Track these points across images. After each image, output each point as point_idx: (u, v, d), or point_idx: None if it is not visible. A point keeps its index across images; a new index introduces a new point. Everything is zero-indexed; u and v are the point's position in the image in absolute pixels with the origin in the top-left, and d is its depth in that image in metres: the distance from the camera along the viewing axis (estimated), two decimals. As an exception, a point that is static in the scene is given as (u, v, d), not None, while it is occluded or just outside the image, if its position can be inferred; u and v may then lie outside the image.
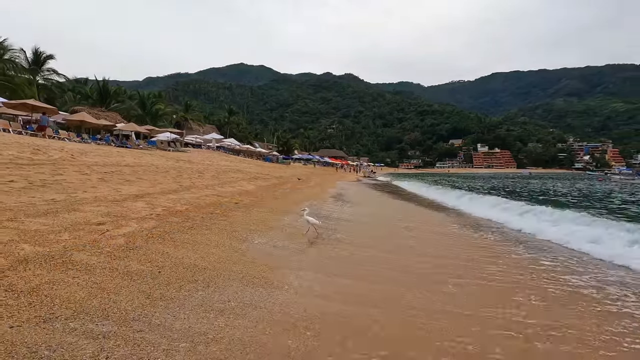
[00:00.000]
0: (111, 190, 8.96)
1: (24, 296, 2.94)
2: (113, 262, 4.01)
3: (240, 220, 7.54)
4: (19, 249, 3.96)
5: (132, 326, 2.75)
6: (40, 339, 2.41)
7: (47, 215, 5.57)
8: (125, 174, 13.02)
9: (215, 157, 39.52)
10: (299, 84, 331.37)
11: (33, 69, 42.04)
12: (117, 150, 25.07)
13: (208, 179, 16.67)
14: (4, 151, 13.10)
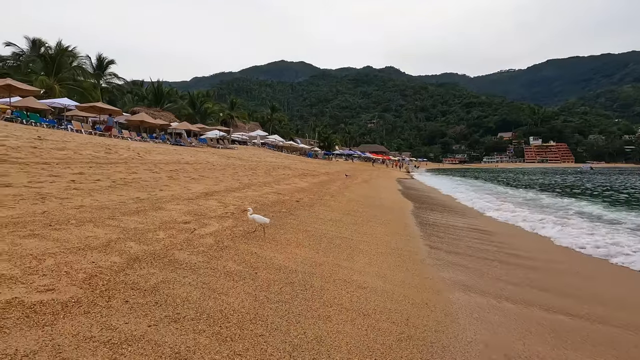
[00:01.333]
0: (183, 189, 9.43)
1: (149, 295, 3.12)
2: (211, 262, 4.16)
3: (308, 220, 7.58)
4: (128, 247, 4.25)
5: (252, 329, 2.81)
6: (177, 339, 2.52)
7: (138, 214, 5.95)
8: (189, 172, 13.67)
9: (261, 153, 40.50)
10: (339, 79, 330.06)
11: (97, 74, 45.63)
12: (174, 148, 26.50)
13: (261, 175, 17.07)
14: (83, 151, 14.29)
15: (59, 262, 3.52)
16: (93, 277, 3.31)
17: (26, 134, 15.45)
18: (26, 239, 4.06)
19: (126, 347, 2.35)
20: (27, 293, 2.85)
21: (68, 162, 10.86)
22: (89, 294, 2.99)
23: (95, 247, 4.11)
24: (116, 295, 3.02)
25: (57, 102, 27.76)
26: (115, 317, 2.70)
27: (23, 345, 2.22)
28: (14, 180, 7.16)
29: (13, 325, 2.42)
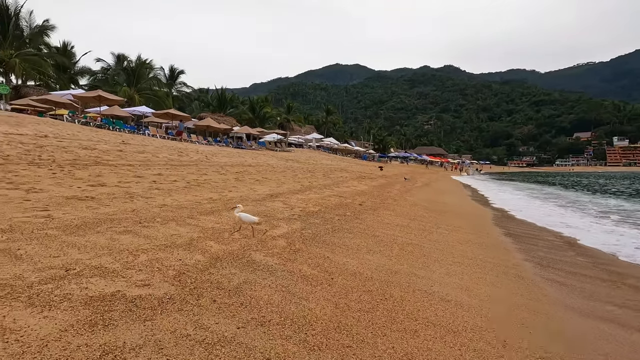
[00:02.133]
0: (249, 191, 9.75)
1: (234, 295, 3.16)
2: (287, 264, 4.15)
3: (374, 224, 7.35)
4: (209, 246, 4.41)
5: (338, 339, 2.69)
6: (266, 344, 2.49)
7: (213, 214, 6.22)
8: (252, 174, 14.17)
9: (317, 156, 40.94)
10: (394, 80, 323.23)
11: (169, 83, 49.77)
12: (237, 151, 27.83)
13: (320, 178, 17.16)
14: (159, 154, 15.53)
15: (151, 259, 3.74)
16: (182, 275, 3.45)
17: (113, 138, 17.25)
18: (122, 234, 4.41)
19: (219, 348, 2.37)
20: (128, 287, 3.04)
21: (148, 164, 11.86)
22: (179, 291, 3.11)
23: (180, 245, 4.32)
24: (204, 294, 3.10)
25: (137, 110, 30.76)
26: (205, 316, 2.75)
27: (130, 338, 2.33)
28: (107, 181, 7.95)
29: (119, 317, 2.57)
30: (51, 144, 12.03)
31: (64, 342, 2.21)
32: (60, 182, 7.07)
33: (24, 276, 2.98)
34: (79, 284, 2.97)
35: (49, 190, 6.30)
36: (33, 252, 3.50)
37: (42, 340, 2.19)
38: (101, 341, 2.27)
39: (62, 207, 5.32)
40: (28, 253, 3.46)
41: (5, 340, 2.15)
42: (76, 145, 12.75)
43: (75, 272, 3.17)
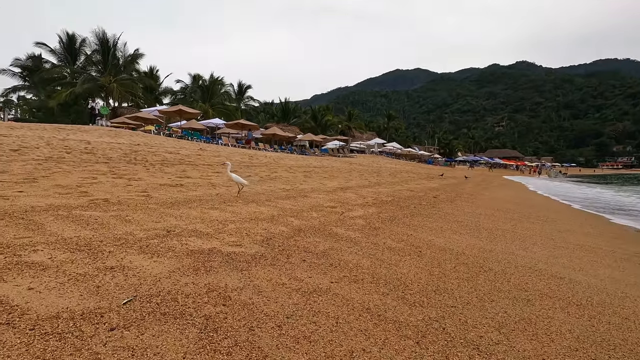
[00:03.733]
0: (319, 184, 9.82)
1: (322, 257, 3.10)
2: (369, 238, 4.00)
3: (454, 212, 6.85)
4: (290, 221, 4.45)
5: (440, 300, 2.46)
6: (364, 297, 2.36)
7: (289, 199, 6.33)
8: (319, 173, 14.33)
9: (380, 160, 40.29)
10: (459, 82, 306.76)
11: (238, 98, 53.18)
12: (302, 156, 28.55)
13: (387, 177, 16.74)
14: (232, 157, 16.51)
15: (239, 227, 3.87)
16: (269, 240, 3.50)
17: (192, 147, 18.82)
18: (210, 210, 4.66)
19: (316, 296, 2.30)
20: (222, 245, 3.15)
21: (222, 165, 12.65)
22: (269, 251, 3.14)
23: (263, 219, 4.43)
24: (293, 255, 3.09)
25: (211, 122, 33.33)
26: (297, 271, 2.72)
27: (230, 282, 2.38)
28: (191, 174, 8.60)
29: (218, 266, 2.65)
30: (143, 150, 13.49)
31: (173, 279, 2.32)
32: (154, 175, 7.82)
33: (134, 233, 3.26)
34: (180, 241, 3.15)
35: (146, 179, 6.99)
36: (139, 219, 3.84)
37: (155, 277, 2.33)
38: (205, 281, 2.34)
39: (157, 191, 5.84)
40: (135, 219, 3.81)
41: (125, 274, 2.33)
42: (163, 151, 14.14)
43: (175, 233, 3.39)
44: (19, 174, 6.01)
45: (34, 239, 2.84)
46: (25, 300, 1.87)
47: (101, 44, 37.16)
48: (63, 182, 5.69)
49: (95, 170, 7.39)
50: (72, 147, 11.03)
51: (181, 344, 1.62)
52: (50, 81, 36.14)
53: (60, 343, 1.54)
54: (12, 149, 8.87)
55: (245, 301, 2.12)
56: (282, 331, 1.83)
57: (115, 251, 2.74)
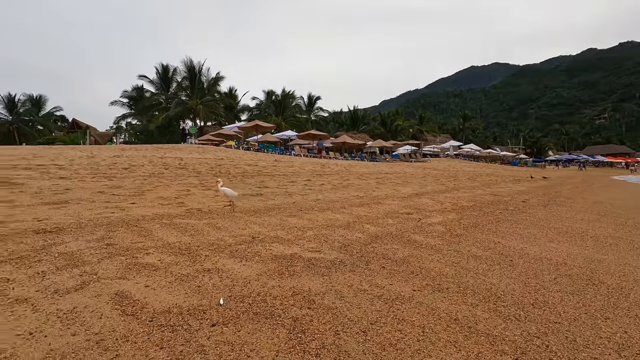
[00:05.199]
0: (392, 190, 9.62)
1: (401, 265, 3.03)
2: (451, 245, 3.79)
3: (548, 218, 6.12)
4: (366, 228, 4.44)
5: (539, 314, 2.21)
6: (450, 307, 2.24)
7: (363, 206, 6.31)
8: (392, 179, 14.03)
9: (457, 164, 37.92)
10: (546, 73, 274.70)
11: (308, 110, 55.02)
12: (372, 163, 28.31)
13: (465, 181, 15.68)
14: (305, 167, 17.06)
15: (317, 234, 3.98)
16: (347, 246, 3.53)
17: (268, 158, 19.97)
18: (289, 217, 4.88)
19: (399, 304, 2.25)
20: (302, 251, 3.28)
21: (297, 174, 13.15)
22: (348, 257, 3.17)
23: (339, 226, 4.49)
24: (372, 261, 3.08)
25: (284, 135, 35.03)
26: (378, 278, 2.69)
27: (313, 286, 2.46)
28: (269, 184, 9.12)
29: (300, 270, 2.76)
30: (226, 163, 14.74)
31: (261, 282, 2.48)
32: (237, 186, 8.49)
33: (224, 239, 3.57)
34: (264, 247, 3.36)
35: (230, 190, 7.62)
36: (227, 226, 4.19)
37: (246, 279, 2.52)
38: (290, 285, 2.46)
39: (240, 200, 6.32)
40: (224, 226, 4.17)
41: (220, 276, 2.56)
42: (243, 164, 15.26)
43: (259, 239, 3.63)
44: (130, 188, 7.03)
45: (146, 243, 3.29)
46: (144, 295, 2.18)
47: (189, 71, 41.84)
48: (164, 195, 6.49)
49: (188, 183, 8.28)
50: (169, 163, 12.53)
51: (273, 343, 1.73)
52: (150, 107, 41.73)
53: (173, 334, 1.76)
54: (123, 167, 10.41)
55: (328, 305, 2.17)
56: (367, 337, 1.83)
57: (210, 255, 3.03)
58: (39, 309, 1.93)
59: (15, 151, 14.62)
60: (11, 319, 1.81)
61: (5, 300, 2.01)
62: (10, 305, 1.96)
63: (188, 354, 1.60)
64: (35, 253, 2.84)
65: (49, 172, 8.28)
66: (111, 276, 2.45)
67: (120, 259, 2.81)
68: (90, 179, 7.76)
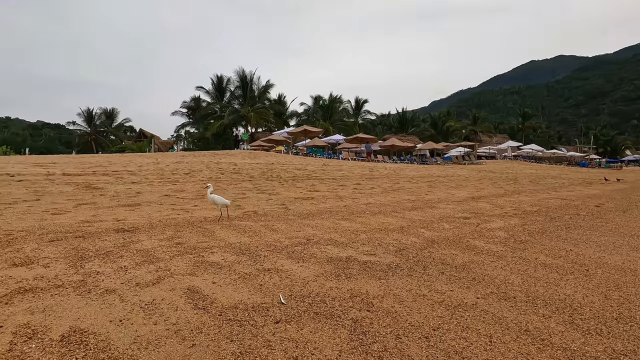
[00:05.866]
0: (446, 194, 9.25)
1: (462, 271, 2.91)
2: (515, 252, 3.55)
3: (628, 224, 5.48)
4: (421, 232, 4.32)
5: (628, 331, 2.00)
6: (518, 317, 2.11)
7: (416, 210, 6.15)
8: (445, 182, 13.49)
9: (516, 165, 35.41)
10: (621, 64, 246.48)
11: (355, 113, 54.85)
12: (422, 166, 27.44)
13: (526, 184, 14.58)
14: (354, 170, 17.03)
15: (370, 238, 3.96)
16: (402, 250, 3.47)
17: (316, 163, 20.23)
18: (341, 221, 4.91)
19: (462, 311, 2.16)
20: (357, 254, 3.29)
21: (346, 178, 13.16)
22: (404, 261, 3.12)
23: (393, 230, 4.43)
24: (430, 266, 2.99)
25: (332, 139, 35.30)
26: (437, 283, 2.61)
27: (370, 289, 2.46)
28: (319, 188, 9.25)
29: (357, 273, 2.77)
30: (276, 168, 15.20)
31: (319, 283, 2.53)
32: (288, 189, 8.72)
33: (280, 241, 3.69)
34: (319, 249, 3.42)
35: (282, 194, 7.85)
36: (282, 228, 4.33)
37: (304, 280, 2.59)
38: (347, 287, 2.48)
39: (293, 203, 6.49)
40: (279, 228, 4.32)
41: (280, 275, 2.66)
42: (293, 168, 15.64)
43: (314, 242, 3.70)
44: (191, 191, 7.54)
45: (210, 243, 3.51)
46: (212, 291, 2.33)
47: (241, 80, 43.94)
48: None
49: (243, 187, 8.68)
50: (224, 169, 13.23)
51: (335, 343, 1.76)
52: (206, 116, 44.40)
53: (241, 328, 1.86)
54: (185, 173, 11.19)
55: (387, 309, 2.15)
56: (430, 343, 1.79)
57: (269, 255, 3.16)
58: (125, 299, 2.16)
59: (94, 159, 16.36)
60: (103, 307, 2.04)
61: (97, 290, 2.28)
62: (102, 295, 2.21)
63: (256, 348, 1.69)
64: (118, 249, 3.17)
65: (122, 178, 9.16)
66: (182, 272, 2.66)
67: (188, 257, 3.03)
68: (157, 183, 8.46)
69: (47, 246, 3.20)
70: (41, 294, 2.18)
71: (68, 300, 2.12)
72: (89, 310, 2.00)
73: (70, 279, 2.44)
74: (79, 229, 3.94)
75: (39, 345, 1.64)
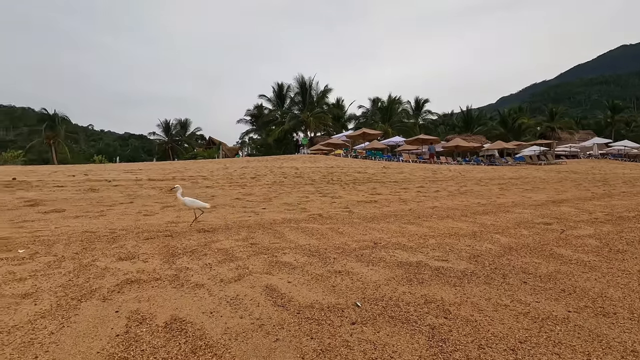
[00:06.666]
0: (520, 197, 8.55)
1: (547, 281, 2.69)
2: (612, 263, 3.17)
3: None
4: (496, 238, 4.06)
5: None
6: (625, 336, 1.89)
7: (488, 214, 5.78)
8: (518, 185, 12.46)
9: (604, 165, 31.34)
10: None
11: (416, 114, 53.17)
12: (491, 167, 25.63)
13: (619, 185, 12.83)
14: (415, 173, 16.52)
15: (440, 243, 3.83)
16: (477, 257, 3.30)
17: (376, 166, 20.03)
18: (407, 225, 4.82)
19: (552, 324, 2.00)
20: (428, 259, 3.20)
21: (407, 181, 12.82)
22: (480, 268, 2.96)
23: (464, 235, 4.22)
24: (509, 275, 2.81)
25: (391, 141, 34.64)
26: (519, 293, 2.44)
27: (445, 296, 2.38)
28: (381, 191, 9.15)
29: (429, 278, 2.70)
30: (336, 171, 15.35)
31: (391, 287, 2.52)
32: (349, 193, 8.77)
33: (348, 244, 3.74)
34: (387, 253, 3.40)
35: (344, 197, 7.91)
36: (348, 231, 4.38)
37: (375, 283, 2.60)
38: (421, 292, 2.43)
39: (356, 207, 6.52)
40: (345, 231, 4.37)
41: (351, 278, 2.71)
42: (352, 171, 15.66)
43: (382, 245, 3.68)
44: (259, 195, 7.96)
45: (281, 244, 3.68)
46: (288, 290, 2.45)
47: (300, 87, 45.26)
48: (287, 201, 7.15)
49: (305, 191, 8.93)
50: (287, 173, 13.73)
51: (414, 348, 1.74)
52: (268, 123, 46.52)
53: (319, 327, 1.94)
54: (251, 177, 11.85)
55: (466, 317, 2.07)
56: (517, 356, 1.68)
57: (338, 258, 3.22)
58: (213, 293, 2.37)
59: (172, 166, 18.06)
60: (195, 300, 2.27)
61: (188, 284, 2.53)
62: (193, 288, 2.45)
63: (335, 347, 1.74)
64: (201, 248, 3.48)
65: (197, 182, 9.98)
66: (259, 271, 2.84)
67: (263, 257, 3.22)
68: (228, 187, 9.07)
69: (144, 243, 3.64)
70: (144, 285, 2.49)
71: (166, 291, 2.39)
72: (184, 302, 2.23)
73: (166, 273, 2.75)
74: (167, 228, 4.40)
75: (148, 329, 1.88)
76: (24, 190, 7.61)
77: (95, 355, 1.64)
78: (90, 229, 4.30)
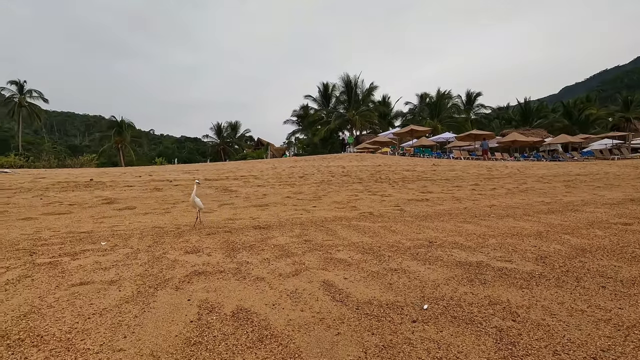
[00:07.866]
0: (590, 195, 7.80)
1: (631, 287, 2.43)
2: None
3: None
4: (565, 239, 3.76)
5: None
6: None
7: (553, 214, 5.36)
8: (587, 182, 11.36)
9: (694, 159, 27.46)
10: None
11: (467, 108, 50.59)
12: (554, 163, 23.64)
13: None
14: (469, 170, 15.76)
15: (502, 243, 3.62)
16: (544, 258, 3.08)
17: (425, 163, 19.39)
18: (464, 224, 4.62)
19: (639, 333, 1.81)
20: (489, 260, 3.05)
21: (460, 178, 12.26)
22: (549, 270, 2.76)
23: (528, 235, 3.96)
24: (584, 278, 2.58)
25: (441, 137, 33.31)
26: (597, 298, 2.24)
27: (512, 298, 2.26)
28: (432, 190, 8.85)
29: (492, 279, 2.58)
30: (384, 169, 15.12)
31: (451, 287, 2.45)
32: (399, 191, 8.60)
33: (402, 242, 3.68)
34: (444, 252, 3.29)
35: (394, 195, 7.78)
36: (401, 229, 4.31)
37: (434, 282, 2.54)
38: (484, 293, 2.33)
39: (407, 205, 6.38)
40: (398, 230, 4.30)
41: (408, 276, 2.67)
42: (401, 169, 15.32)
43: (437, 244, 3.57)
44: (308, 193, 8.10)
45: (335, 241, 3.73)
46: (345, 286, 2.48)
47: (345, 86, 45.16)
48: (337, 199, 7.19)
49: (354, 189, 8.92)
50: (334, 171, 13.80)
51: (481, 349, 1.68)
52: (314, 122, 47.03)
53: (379, 323, 1.94)
54: (299, 176, 12.08)
55: (537, 321, 1.95)
56: (600, 365, 1.55)
57: (393, 256, 3.18)
58: (273, 287, 2.47)
59: (225, 166, 18.99)
60: (257, 292, 2.38)
61: (250, 277, 2.66)
62: (254, 281, 2.58)
63: (397, 343, 1.74)
64: (259, 243, 3.64)
65: (249, 182, 10.40)
66: (315, 267, 2.90)
67: (318, 253, 3.28)
68: (278, 186, 9.34)
69: (206, 238, 3.89)
70: (210, 277, 2.67)
71: (230, 283, 2.54)
72: (247, 294, 2.36)
73: (228, 266, 2.91)
74: (226, 225, 4.65)
75: (217, 317, 2.01)
76: (100, 189, 8.48)
77: (174, 338, 1.79)
78: (158, 225, 4.68)
